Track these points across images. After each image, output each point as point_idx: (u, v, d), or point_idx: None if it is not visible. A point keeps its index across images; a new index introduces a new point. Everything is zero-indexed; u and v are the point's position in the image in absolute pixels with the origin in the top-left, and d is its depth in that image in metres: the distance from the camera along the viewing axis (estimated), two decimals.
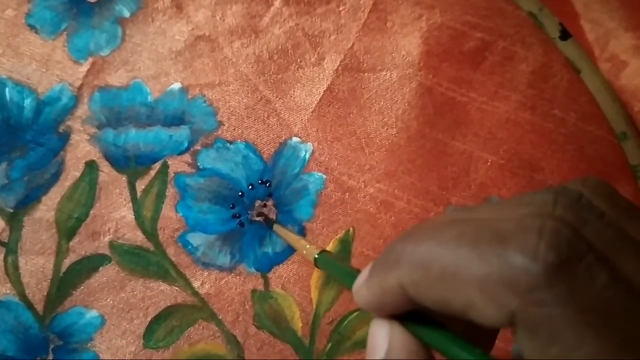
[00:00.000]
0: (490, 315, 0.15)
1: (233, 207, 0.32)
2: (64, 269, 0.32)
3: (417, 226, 0.19)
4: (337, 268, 0.26)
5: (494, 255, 0.15)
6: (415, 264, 0.17)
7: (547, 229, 0.15)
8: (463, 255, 0.16)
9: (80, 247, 0.32)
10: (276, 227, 0.31)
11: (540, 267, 0.14)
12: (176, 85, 0.33)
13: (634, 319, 0.14)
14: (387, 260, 0.18)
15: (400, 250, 0.18)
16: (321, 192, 0.33)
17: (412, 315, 0.19)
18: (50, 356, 0.31)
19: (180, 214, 0.32)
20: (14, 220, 0.32)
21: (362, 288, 0.19)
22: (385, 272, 0.18)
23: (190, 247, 0.32)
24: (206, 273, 0.32)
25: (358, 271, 0.20)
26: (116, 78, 0.33)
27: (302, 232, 0.32)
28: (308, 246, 0.28)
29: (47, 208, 0.32)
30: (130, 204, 0.32)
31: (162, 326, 0.31)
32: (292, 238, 0.30)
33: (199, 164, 0.33)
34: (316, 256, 0.27)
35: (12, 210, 0.32)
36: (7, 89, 0.33)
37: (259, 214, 0.32)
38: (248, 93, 0.33)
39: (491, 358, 0.17)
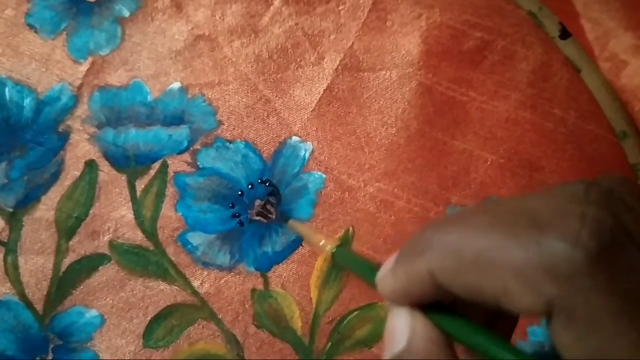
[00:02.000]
0: (526, 302, 0.15)
1: (233, 207, 0.32)
2: (63, 268, 0.32)
3: (446, 216, 0.18)
4: (356, 262, 0.25)
5: (531, 241, 0.15)
6: (446, 249, 0.16)
7: (589, 216, 0.15)
8: (498, 240, 0.15)
9: (79, 247, 0.32)
10: (290, 223, 0.31)
11: (582, 253, 0.14)
12: (176, 85, 0.33)
13: None
14: (415, 247, 0.18)
15: (430, 237, 0.17)
16: (321, 192, 0.33)
17: (432, 306, 0.18)
18: (50, 356, 0.31)
19: (180, 213, 0.32)
20: (14, 219, 0.32)
21: (388, 276, 0.19)
22: (414, 259, 0.18)
23: (189, 246, 0.32)
24: (206, 272, 0.32)
25: (377, 265, 0.20)
26: (116, 77, 0.33)
27: None
28: (324, 241, 0.28)
29: (46, 207, 0.32)
30: (130, 203, 0.32)
31: (161, 325, 0.31)
32: (306, 232, 0.30)
33: (198, 163, 0.33)
34: (333, 251, 0.27)
35: (11, 210, 0.32)
36: (6, 89, 0.33)
37: (259, 214, 0.32)
38: (248, 92, 0.33)
39: (514, 347, 0.16)
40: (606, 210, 0.15)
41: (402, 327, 0.18)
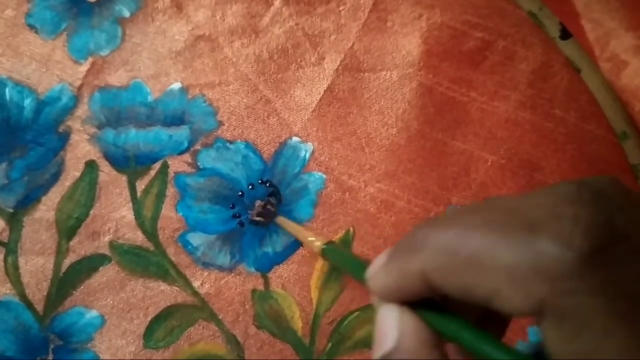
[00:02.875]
0: (517, 303, 0.15)
1: (233, 207, 0.32)
2: (64, 269, 0.32)
3: (441, 215, 0.18)
4: (346, 258, 0.25)
5: (524, 242, 0.15)
6: (440, 248, 0.16)
7: (582, 217, 0.15)
8: (491, 241, 0.15)
9: (80, 247, 0.32)
10: (279, 219, 0.31)
11: (574, 255, 0.14)
12: (176, 85, 0.33)
13: None
14: (409, 245, 0.18)
15: (424, 236, 0.17)
16: (321, 192, 0.33)
17: (423, 303, 0.18)
18: (50, 356, 0.31)
19: (180, 214, 0.32)
20: (14, 220, 0.32)
21: (380, 273, 0.19)
22: (407, 257, 0.18)
23: (190, 247, 0.32)
24: (206, 273, 0.32)
25: (367, 261, 0.20)
26: (116, 78, 0.33)
27: None
28: (313, 237, 0.28)
29: (47, 208, 0.32)
30: (130, 203, 0.32)
31: (162, 326, 0.31)
32: (297, 229, 0.30)
33: (199, 163, 0.33)
34: (323, 247, 0.27)
35: (12, 211, 0.32)
36: (7, 89, 0.33)
37: (259, 214, 0.32)
38: (248, 93, 0.33)
39: (506, 345, 0.16)
40: (598, 211, 0.15)
41: (391, 326, 0.18)
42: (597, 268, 0.14)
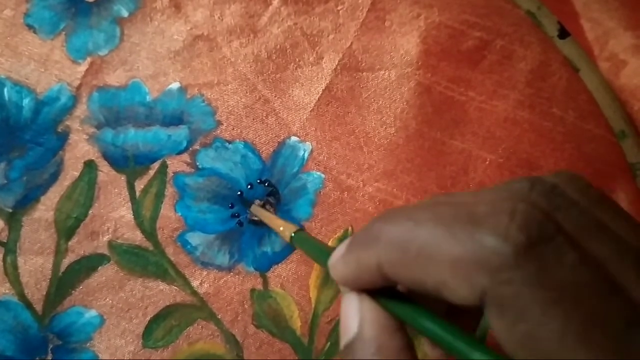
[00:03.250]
0: (461, 293, 0.16)
1: (232, 207, 0.32)
2: (63, 268, 0.32)
3: (396, 208, 0.19)
4: (313, 246, 0.26)
5: (467, 235, 0.16)
6: (392, 243, 0.17)
7: (518, 211, 0.16)
8: (438, 235, 0.16)
9: (79, 247, 0.32)
10: (253, 208, 0.31)
11: (510, 247, 0.15)
12: (175, 85, 0.33)
13: (600, 297, 0.15)
14: (365, 237, 0.19)
15: (378, 229, 0.18)
16: (320, 192, 0.33)
17: (384, 290, 0.19)
18: (49, 356, 0.31)
19: (179, 214, 0.32)
20: (13, 220, 0.32)
21: (339, 263, 0.20)
22: (363, 250, 0.18)
23: (189, 246, 0.32)
24: (205, 272, 0.32)
25: (333, 249, 0.21)
26: (115, 78, 0.33)
27: None
28: (283, 226, 0.28)
29: (46, 208, 0.32)
30: (129, 203, 0.32)
31: (161, 326, 0.31)
32: (268, 217, 0.30)
33: (197, 163, 0.33)
34: (292, 234, 0.27)
35: (11, 210, 0.32)
36: (5, 89, 0.33)
37: None
38: (247, 92, 0.33)
39: (462, 331, 0.17)
40: (537, 206, 0.16)
41: (353, 314, 0.19)
42: (533, 260, 0.15)
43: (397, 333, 0.18)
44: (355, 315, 0.19)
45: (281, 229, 0.28)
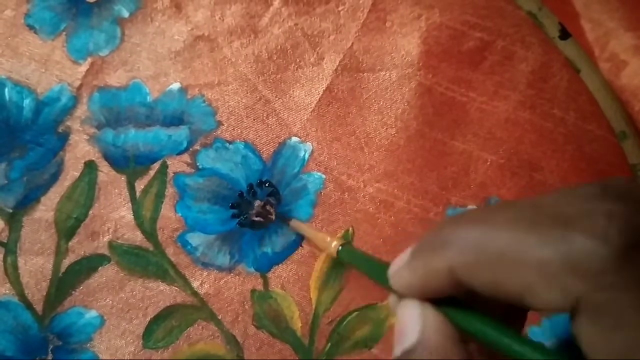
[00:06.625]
0: (552, 299, 0.15)
1: (232, 207, 0.32)
2: (63, 269, 0.32)
3: (463, 213, 0.18)
4: (363, 259, 0.26)
5: (556, 238, 0.15)
6: (468, 246, 0.16)
7: (616, 213, 0.15)
8: (521, 237, 0.15)
9: (79, 247, 0.32)
10: (293, 222, 0.31)
11: (609, 250, 0.14)
12: (175, 86, 0.33)
13: None
14: (434, 242, 0.18)
15: (449, 233, 0.17)
16: (320, 192, 0.33)
17: (444, 301, 0.18)
18: (50, 356, 0.31)
19: (180, 214, 0.32)
20: (13, 220, 0.32)
21: (403, 271, 0.19)
22: (432, 255, 0.18)
23: (189, 247, 0.32)
24: (205, 273, 0.32)
25: (384, 262, 0.20)
26: (115, 78, 0.33)
27: None
28: (329, 239, 0.28)
29: (46, 208, 0.32)
30: (130, 204, 0.32)
31: (161, 326, 0.31)
32: (311, 232, 0.30)
33: (198, 164, 0.33)
34: (339, 248, 0.27)
35: (11, 211, 0.32)
36: (6, 89, 0.33)
37: (259, 214, 0.32)
38: (247, 93, 0.33)
39: (534, 341, 0.16)
40: (630, 208, 0.15)
41: (414, 321, 0.18)
42: (631, 263, 0.14)
43: (460, 345, 0.18)
44: (417, 322, 0.18)
45: (327, 241, 0.28)
